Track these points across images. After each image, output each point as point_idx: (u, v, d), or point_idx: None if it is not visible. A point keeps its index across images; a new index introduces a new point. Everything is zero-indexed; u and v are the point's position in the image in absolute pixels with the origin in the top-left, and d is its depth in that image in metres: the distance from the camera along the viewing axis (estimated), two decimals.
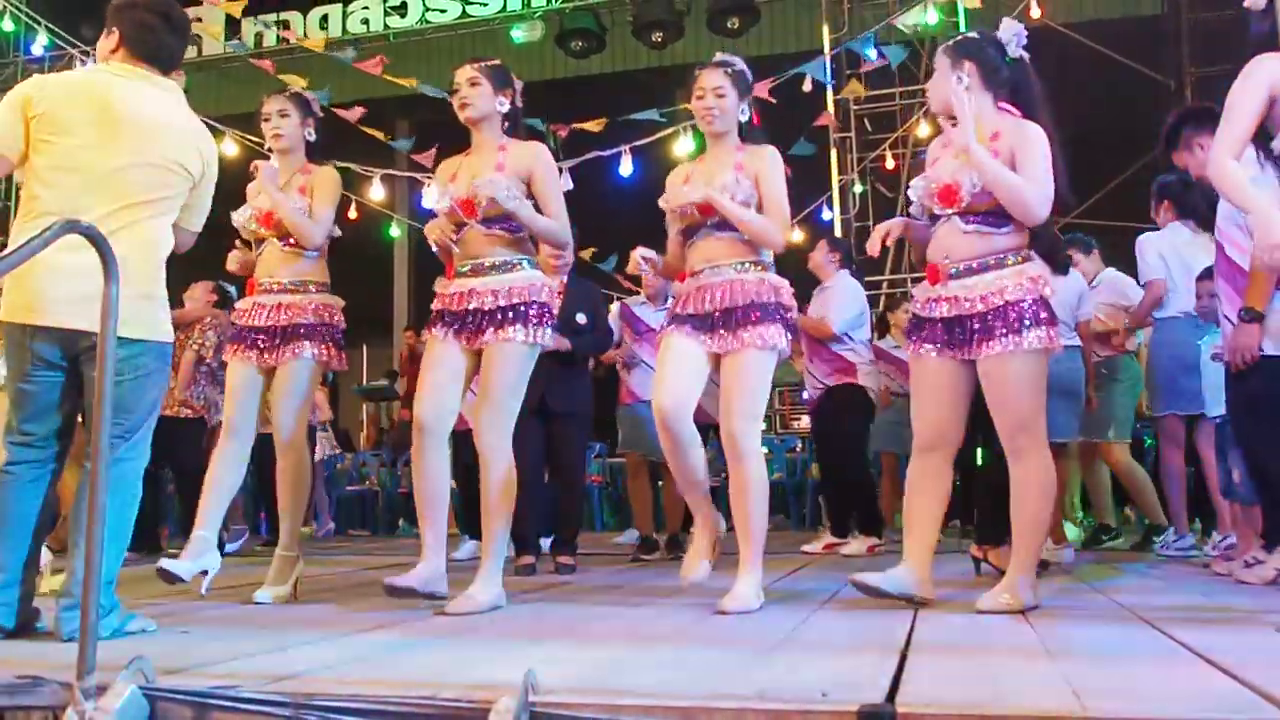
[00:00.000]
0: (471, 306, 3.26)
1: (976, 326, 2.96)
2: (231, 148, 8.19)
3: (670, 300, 3.42)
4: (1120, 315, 5.28)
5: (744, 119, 3.35)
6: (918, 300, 3.17)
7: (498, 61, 3.45)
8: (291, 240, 3.60)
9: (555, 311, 3.39)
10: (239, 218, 3.69)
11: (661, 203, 3.40)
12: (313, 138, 3.73)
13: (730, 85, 3.30)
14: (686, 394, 3.18)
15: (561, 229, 3.37)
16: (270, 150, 3.75)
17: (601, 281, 9.38)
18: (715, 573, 3.32)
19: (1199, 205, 4.61)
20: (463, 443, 5.58)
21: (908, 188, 3.26)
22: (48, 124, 2.66)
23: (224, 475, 3.54)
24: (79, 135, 2.67)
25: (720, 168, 3.30)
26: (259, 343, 3.58)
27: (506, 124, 3.41)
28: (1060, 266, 5.02)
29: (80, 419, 2.83)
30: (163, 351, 2.81)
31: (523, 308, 3.23)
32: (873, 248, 3.19)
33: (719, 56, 3.42)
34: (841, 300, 5.58)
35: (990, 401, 2.99)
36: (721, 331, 3.16)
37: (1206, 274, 4.25)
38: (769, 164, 3.29)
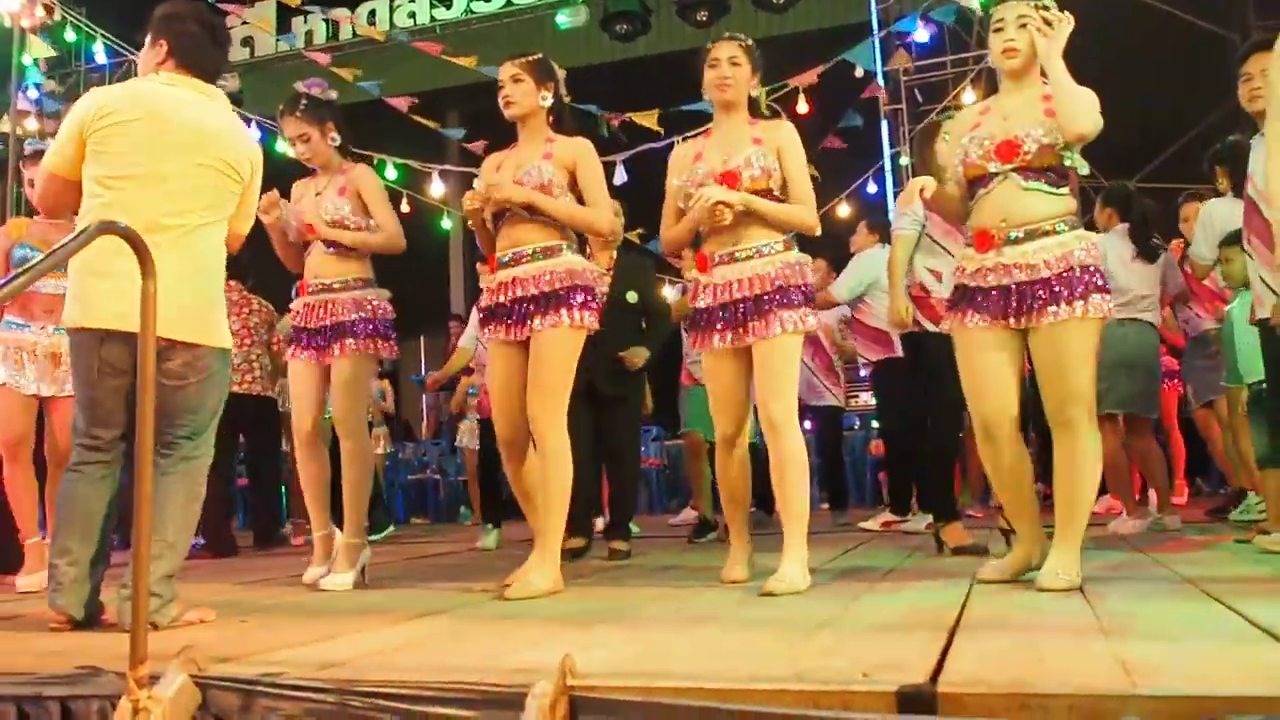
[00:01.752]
0: (516, 295, 3.31)
1: (1040, 293, 2.84)
2: (285, 147, 8.32)
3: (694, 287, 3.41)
4: None
5: (754, 94, 3.36)
6: (965, 270, 3.03)
7: (539, 55, 3.48)
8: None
9: (599, 295, 3.42)
10: (289, 217, 3.77)
11: (676, 184, 3.37)
12: (338, 142, 3.80)
13: (744, 56, 3.31)
14: (743, 419, 3.36)
15: (594, 219, 3.40)
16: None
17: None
18: (764, 553, 3.35)
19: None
20: (485, 430, 5.66)
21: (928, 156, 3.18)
22: (107, 135, 2.75)
23: (309, 472, 3.76)
24: (136, 144, 2.76)
25: (737, 140, 3.29)
26: (313, 343, 3.72)
27: (551, 117, 3.46)
28: (1149, 252, 4.90)
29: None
30: (224, 355, 2.92)
31: (565, 293, 3.26)
32: (908, 199, 3.12)
33: (729, 34, 3.41)
34: (848, 270, 5.53)
35: (1044, 371, 2.88)
36: (751, 322, 3.19)
37: (1230, 239, 4.15)
38: (791, 140, 3.29)
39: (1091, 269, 2.84)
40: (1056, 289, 2.82)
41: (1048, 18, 2.91)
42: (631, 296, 4.81)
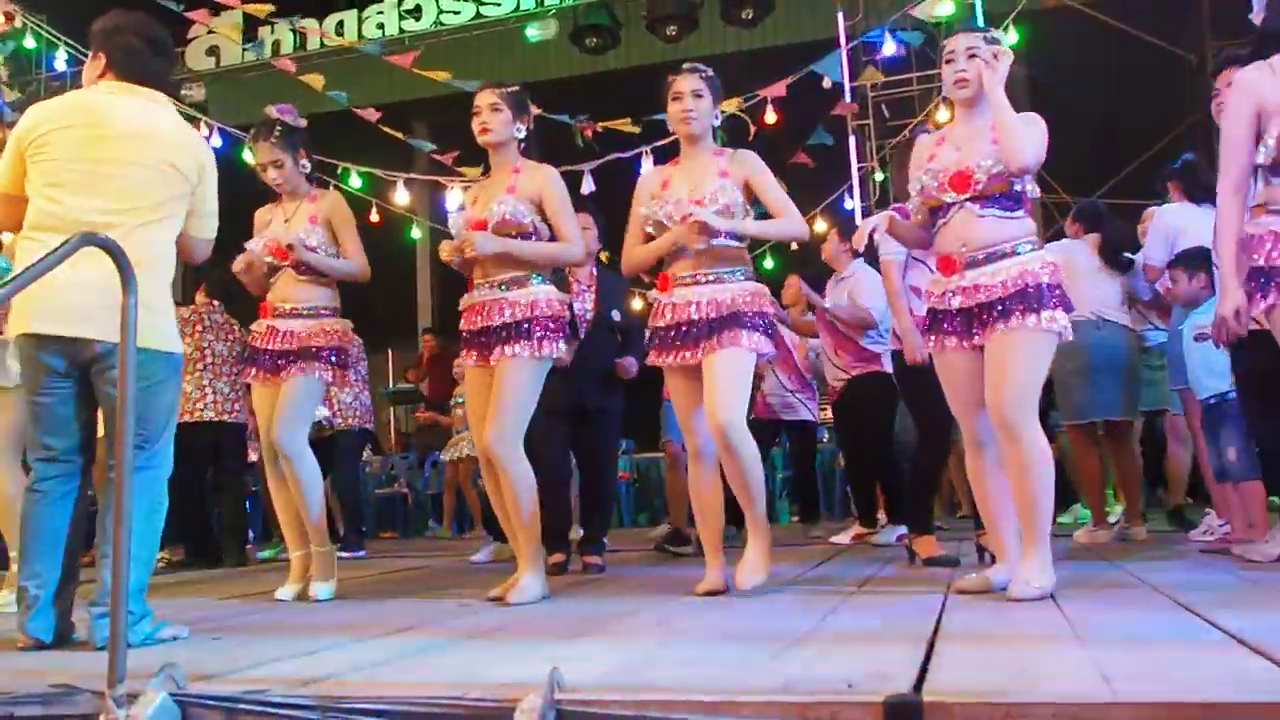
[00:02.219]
0: (484, 325, 3.38)
1: (997, 309, 2.92)
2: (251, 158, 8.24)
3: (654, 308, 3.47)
4: None
5: (716, 124, 3.44)
6: (932, 294, 3.13)
7: (518, 88, 3.53)
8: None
9: (567, 323, 3.46)
10: (254, 248, 3.78)
11: (644, 212, 3.42)
12: (308, 169, 3.82)
13: (706, 88, 3.37)
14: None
15: (566, 254, 3.47)
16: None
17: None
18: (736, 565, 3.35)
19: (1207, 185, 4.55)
20: None
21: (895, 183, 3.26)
22: (43, 144, 2.74)
23: (281, 495, 3.76)
24: (72, 148, 2.73)
25: (704, 173, 3.36)
26: (272, 364, 3.73)
27: (523, 145, 3.51)
28: (1121, 265, 4.99)
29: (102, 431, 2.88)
30: (171, 361, 2.84)
31: (529, 324, 3.31)
32: (859, 241, 3.21)
33: (690, 65, 3.46)
34: (870, 290, 5.56)
35: (990, 376, 2.95)
36: (702, 341, 3.25)
37: (1177, 261, 4.23)
38: (757, 168, 3.37)
39: (1046, 285, 2.91)
40: (1009, 305, 2.90)
41: (995, 51, 3.00)
42: (616, 315, 4.84)
